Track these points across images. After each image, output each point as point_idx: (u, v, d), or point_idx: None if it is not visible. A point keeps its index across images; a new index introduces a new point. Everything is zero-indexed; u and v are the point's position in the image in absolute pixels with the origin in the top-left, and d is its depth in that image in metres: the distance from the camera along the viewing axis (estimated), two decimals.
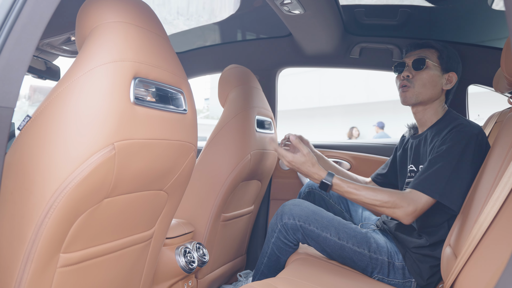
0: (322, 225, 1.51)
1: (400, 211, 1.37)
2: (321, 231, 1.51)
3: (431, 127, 1.57)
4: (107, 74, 0.84)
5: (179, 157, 1.08)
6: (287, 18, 1.76)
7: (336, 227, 1.51)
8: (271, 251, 1.60)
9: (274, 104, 2.37)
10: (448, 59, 1.56)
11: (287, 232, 1.55)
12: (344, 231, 1.51)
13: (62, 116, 0.80)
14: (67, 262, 0.90)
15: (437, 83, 1.55)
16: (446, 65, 1.56)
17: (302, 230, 1.52)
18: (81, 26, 0.91)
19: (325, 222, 1.52)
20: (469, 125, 1.43)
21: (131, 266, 1.14)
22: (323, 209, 1.59)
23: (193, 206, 1.69)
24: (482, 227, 0.97)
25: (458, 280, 1.05)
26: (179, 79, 1.05)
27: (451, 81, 1.56)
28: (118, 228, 1.02)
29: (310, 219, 1.52)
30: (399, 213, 1.37)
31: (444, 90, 1.58)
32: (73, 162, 0.80)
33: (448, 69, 1.56)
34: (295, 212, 1.54)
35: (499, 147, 1.18)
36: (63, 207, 0.81)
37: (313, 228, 1.51)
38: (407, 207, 1.36)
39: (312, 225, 1.51)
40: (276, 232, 1.57)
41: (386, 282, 1.49)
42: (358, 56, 2.20)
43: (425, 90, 1.55)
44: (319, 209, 1.57)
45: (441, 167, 1.37)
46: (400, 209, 1.36)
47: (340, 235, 1.50)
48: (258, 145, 1.80)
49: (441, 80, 1.55)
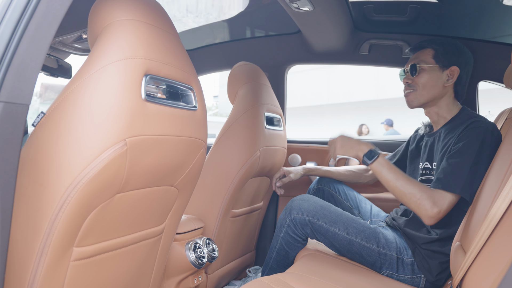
0: (331, 220, 1.52)
1: (423, 211, 1.37)
2: (329, 226, 1.51)
3: (445, 124, 1.57)
4: (119, 72, 0.85)
5: (189, 153, 1.10)
6: (296, 15, 1.76)
7: (345, 222, 1.52)
8: (279, 246, 1.62)
9: (283, 101, 2.38)
10: (445, 55, 1.56)
11: (296, 227, 1.56)
12: (353, 226, 1.51)
13: (75, 113, 0.82)
14: (80, 255, 0.92)
15: (437, 82, 1.56)
16: (443, 61, 1.56)
17: (311, 225, 1.53)
18: (93, 24, 0.93)
19: (334, 217, 1.53)
20: (484, 121, 1.43)
21: (143, 261, 1.16)
22: (332, 204, 1.60)
23: (203, 202, 1.70)
24: (492, 222, 0.96)
25: (467, 276, 1.05)
26: (189, 76, 1.06)
27: (452, 76, 1.55)
28: (130, 222, 1.04)
29: (318, 214, 1.53)
30: (422, 212, 1.38)
31: (449, 86, 1.57)
32: (86, 157, 0.82)
33: (447, 65, 1.56)
34: (303, 207, 1.55)
35: (508, 144, 1.17)
36: (77, 202, 0.83)
37: (322, 223, 1.52)
38: (431, 209, 1.36)
39: (320, 220, 1.52)
40: (285, 227, 1.59)
41: (395, 278, 1.49)
42: (368, 52, 2.19)
43: (426, 91, 1.57)
44: (328, 204, 1.58)
45: (460, 163, 1.37)
46: (423, 209, 1.37)
47: (349, 230, 1.51)
48: (267, 141, 1.81)
49: (441, 77, 1.56)
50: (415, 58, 1.61)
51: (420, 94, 1.58)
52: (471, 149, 1.37)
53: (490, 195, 1.12)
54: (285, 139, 2.08)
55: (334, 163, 2.29)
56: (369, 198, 2.01)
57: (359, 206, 1.87)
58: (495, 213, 0.96)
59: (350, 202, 1.87)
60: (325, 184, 1.89)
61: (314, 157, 2.34)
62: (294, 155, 2.36)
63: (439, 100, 1.58)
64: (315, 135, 2.45)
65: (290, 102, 2.51)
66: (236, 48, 2.46)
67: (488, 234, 0.97)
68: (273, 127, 1.92)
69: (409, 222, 1.55)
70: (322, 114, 13.09)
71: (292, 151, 2.36)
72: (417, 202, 1.38)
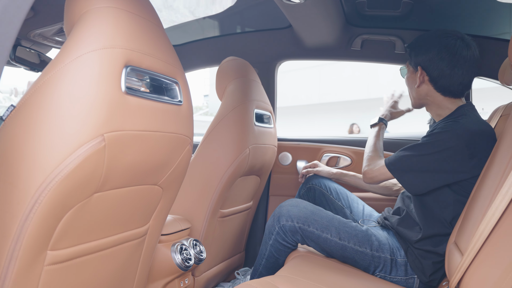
0: (322, 225, 1.47)
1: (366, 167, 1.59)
2: (321, 232, 1.47)
3: (440, 121, 1.52)
4: (96, 62, 0.79)
5: (174, 150, 1.04)
6: (286, 8, 1.71)
7: (337, 227, 1.47)
8: (269, 253, 1.57)
9: (273, 98, 2.33)
10: (414, 55, 1.54)
11: (286, 234, 1.51)
12: (345, 230, 1.47)
13: (48, 106, 0.76)
14: (55, 259, 0.86)
15: (413, 85, 1.57)
16: (413, 63, 1.55)
17: (301, 231, 1.48)
18: (70, 12, 0.87)
19: (325, 222, 1.48)
20: (462, 123, 1.39)
21: (124, 264, 1.10)
22: (322, 208, 1.55)
23: (189, 202, 1.65)
24: (490, 223, 0.93)
25: (464, 278, 1.01)
26: (174, 69, 1.01)
27: (422, 78, 1.51)
28: (110, 224, 0.98)
29: (309, 220, 1.48)
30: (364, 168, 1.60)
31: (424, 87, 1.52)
32: (60, 154, 0.76)
33: (415, 66, 1.53)
34: (293, 213, 1.49)
35: (506, 140, 1.14)
36: (50, 202, 0.77)
37: (313, 229, 1.47)
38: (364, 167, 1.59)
39: (311, 226, 1.47)
40: (274, 235, 1.53)
41: (388, 279, 1.46)
42: (360, 48, 2.15)
43: (411, 94, 1.62)
44: (318, 209, 1.53)
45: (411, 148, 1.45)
46: (363, 165, 1.61)
47: (341, 235, 1.46)
48: (257, 139, 1.76)
49: (415, 80, 1.55)
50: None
51: (411, 97, 1.63)
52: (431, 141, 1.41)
53: (488, 193, 1.08)
54: (276, 137, 2.03)
55: (325, 162, 2.25)
56: (361, 197, 1.98)
57: (351, 206, 1.83)
58: (494, 212, 0.92)
59: (342, 201, 1.83)
60: (316, 183, 1.85)
61: (305, 156, 2.30)
62: (285, 153, 2.31)
63: (427, 101, 1.57)
64: (306, 134, 2.41)
65: (281, 101, 2.47)
66: (225, 43, 2.41)
67: (486, 234, 0.94)
68: (263, 124, 1.87)
69: (401, 221, 1.51)
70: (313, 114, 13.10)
71: (282, 149, 2.31)
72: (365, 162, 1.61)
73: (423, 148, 1.41)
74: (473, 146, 1.34)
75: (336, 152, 2.25)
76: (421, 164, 1.40)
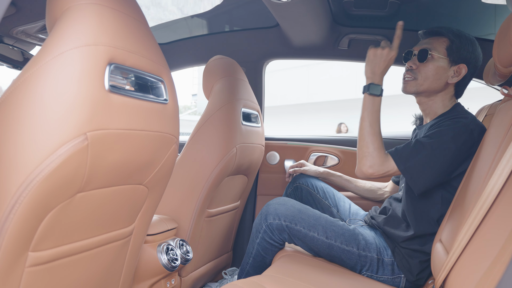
0: (309, 224, 1.47)
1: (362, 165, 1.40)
2: (308, 230, 1.46)
3: (435, 118, 1.51)
4: (79, 59, 0.77)
5: (160, 149, 1.03)
6: (274, 7, 1.71)
7: (324, 225, 1.47)
8: (256, 252, 1.56)
9: (261, 97, 2.32)
10: (458, 50, 1.46)
11: (273, 232, 1.50)
12: (332, 229, 1.47)
13: (28, 103, 0.74)
14: (37, 261, 0.84)
15: (442, 76, 1.47)
16: (454, 56, 1.46)
17: (288, 230, 1.48)
18: (52, 8, 0.85)
19: (312, 221, 1.47)
20: (471, 119, 1.39)
21: (109, 265, 1.08)
22: (309, 207, 1.55)
23: (176, 202, 1.63)
24: (475, 222, 0.93)
25: (449, 277, 1.02)
26: (159, 67, 0.99)
27: (459, 74, 1.47)
28: (94, 224, 0.96)
29: (296, 218, 1.47)
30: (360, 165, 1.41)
31: (451, 84, 1.49)
32: (41, 153, 0.74)
33: (457, 61, 1.46)
34: (280, 211, 1.49)
35: (491, 139, 1.15)
36: (30, 202, 0.75)
37: (300, 228, 1.47)
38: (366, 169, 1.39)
39: (298, 224, 1.47)
40: (261, 233, 1.53)
41: (374, 279, 1.46)
42: (347, 47, 2.15)
43: (427, 82, 1.48)
44: (305, 207, 1.53)
45: (421, 144, 1.36)
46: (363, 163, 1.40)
47: (328, 233, 1.46)
48: (244, 138, 1.75)
49: (447, 72, 1.47)
50: (428, 43, 1.50)
51: (420, 84, 1.49)
52: (438, 137, 1.35)
53: (473, 192, 1.09)
54: (263, 136, 2.02)
55: (313, 161, 2.25)
56: (348, 196, 1.98)
57: (338, 205, 1.83)
58: (478, 211, 0.93)
59: (328, 200, 1.83)
60: (303, 182, 1.85)
61: (292, 155, 2.30)
62: (272, 152, 2.31)
63: (436, 94, 1.51)
64: (295, 133, 2.41)
65: (269, 101, 2.46)
66: (212, 42, 2.39)
67: (471, 233, 0.94)
68: (250, 123, 1.86)
69: (388, 220, 1.52)
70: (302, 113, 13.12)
71: (270, 149, 2.31)
72: (364, 154, 1.40)
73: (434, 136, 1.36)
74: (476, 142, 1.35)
75: (323, 152, 2.25)
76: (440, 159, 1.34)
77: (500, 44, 1.10)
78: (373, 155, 1.38)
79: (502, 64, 1.13)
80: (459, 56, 1.46)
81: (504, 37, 1.06)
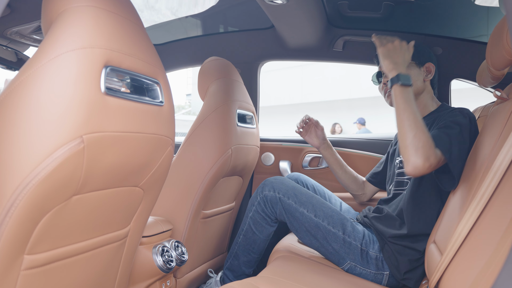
0: (301, 200, 1.52)
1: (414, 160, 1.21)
2: (298, 206, 1.52)
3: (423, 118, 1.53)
4: (75, 62, 0.77)
5: (155, 151, 1.03)
6: (269, 8, 1.71)
7: (314, 204, 1.53)
8: (247, 227, 1.62)
9: (256, 98, 2.33)
10: (419, 52, 1.57)
11: (266, 204, 1.56)
12: (321, 209, 1.52)
13: (24, 106, 0.74)
14: (32, 264, 0.83)
15: (417, 78, 1.55)
16: (419, 59, 1.57)
17: (281, 203, 1.53)
18: (47, 10, 0.85)
19: (304, 198, 1.54)
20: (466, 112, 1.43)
21: (105, 267, 1.08)
22: (304, 188, 1.60)
23: (171, 203, 1.63)
24: (469, 222, 0.94)
25: (443, 278, 1.03)
26: (155, 69, 0.99)
27: (430, 71, 1.58)
28: (90, 226, 0.96)
29: (289, 193, 1.54)
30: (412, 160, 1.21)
31: (427, 82, 1.59)
32: (37, 156, 0.74)
33: (423, 62, 1.58)
34: (276, 185, 1.57)
35: (484, 141, 1.16)
36: (26, 205, 0.75)
37: (292, 202, 1.52)
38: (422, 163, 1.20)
39: (291, 199, 1.53)
40: (255, 205, 1.59)
41: (358, 270, 1.47)
42: (342, 49, 2.17)
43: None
44: (300, 187, 1.59)
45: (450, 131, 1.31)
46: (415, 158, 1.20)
47: (317, 212, 1.51)
48: (239, 139, 1.76)
49: (420, 74, 1.57)
50: None
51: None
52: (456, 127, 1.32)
53: (467, 193, 1.10)
54: (258, 137, 2.03)
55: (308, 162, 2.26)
56: (340, 197, 1.99)
57: (331, 202, 1.85)
58: (472, 212, 0.94)
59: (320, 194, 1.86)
60: (297, 179, 1.87)
61: (287, 156, 2.31)
62: (267, 153, 2.32)
63: (419, 96, 1.58)
64: (289, 134, 2.41)
65: (264, 101, 2.47)
66: (207, 43, 2.39)
67: (465, 234, 0.95)
68: (246, 124, 1.86)
69: (381, 218, 1.53)
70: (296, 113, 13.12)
71: (265, 150, 2.32)
72: (418, 146, 1.21)
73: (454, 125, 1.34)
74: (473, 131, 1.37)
75: (318, 153, 2.26)
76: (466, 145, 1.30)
77: (493, 47, 1.11)
78: (429, 144, 1.22)
79: (495, 67, 1.14)
80: (422, 58, 1.58)
81: (497, 40, 1.07)
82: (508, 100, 1.12)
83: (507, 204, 0.81)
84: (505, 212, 0.80)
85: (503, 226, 0.76)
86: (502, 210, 0.83)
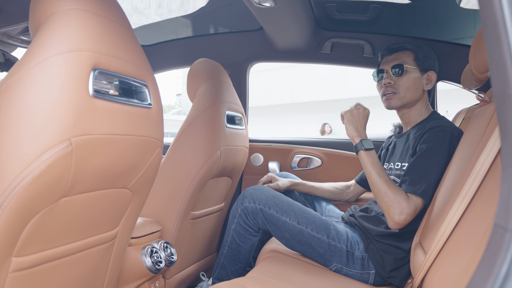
0: (282, 209, 1.52)
1: (392, 215, 1.34)
2: (280, 215, 1.51)
3: (414, 126, 1.59)
4: (63, 65, 0.78)
5: (144, 153, 1.03)
6: (257, 11, 1.72)
7: (296, 211, 1.53)
8: (231, 239, 1.61)
9: (245, 100, 2.34)
10: (425, 59, 1.58)
11: (247, 216, 1.55)
12: (304, 216, 1.52)
13: (12, 109, 0.74)
14: (20, 266, 0.84)
15: (419, 85, 1.57)
16: (423, 65, 1.57)
17: (262, 213, 1.53)
18: (35, 13, 0.85)
19: (285, 206, 1.53)
20: (450, 126, 1.44)
21: (93, 268, 1.08)
22: (284, 195, 1.60)
23: (160, 204, 1.64)
24: (451, 223, 0.96)
25: (427, 277, 1.05)
26: (143, 72, 1.00)
27: (431, 80, 1.59)
28: (78, 228, 0.96)
29: (270, 202, 1.53)
30: (390, 216, 1.35)
31: (425, 91, 1.60)
32: (25, 159, 0.74)
33: (426, 69, 1.58)
34: (255, 195, 1.55)
35: (467, 143, 1.18)
36: (14, 208, 0.75)
37: (273, 211, 1.52)
38: (398, 216, 1.33)
39: (272, 208, 1.52)
40: (236, 218, 1.58)
41: (344, 271, 1.49)
42: (330, 51, 2.19)
43: (409, 93, 1.57)
44: (280, 195, 1.58)
45: (425, 167, 1.38)
46: (392, 213, 1.34)
47: (300, 219, 1.51)
48: (228, 141, 1.76)
49: (421, 81, 1.57)
50: (396, 58, 1.59)
51: (403, 96, 1.57)
52: (436, 153, 1.38)
53: (449, 194, 1.12)
54: (247, 139, 2.04)
55: (297, 163, 2.28)
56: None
57: (314, 203, 1.89)
58: (454, 213, 0.95)
59: (306, 196, 1.88)
60: None
61: (276, 157, 2.32)
62: (256, 154, 2.33)
63: (416, 103, 1.60)
64: (279, 134, 2.43)
65: (254, 101, 2.48)
66: (196, 45, 2.40)
67: (448, 234, 0.97)
68: (234, 126, 1.87)
69: (368, 218, 1.55)
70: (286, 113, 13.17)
71: (254, 151, 2.33)
72: (388, 204, 1.35)
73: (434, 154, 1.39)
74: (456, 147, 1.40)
75: (307, 154, 2.27)
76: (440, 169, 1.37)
77: (476, 50, 1.14)
78: (397, 200, 1.34)
79: (478, 70, 1.16)
80: (426, 65, 1.58)
81: (480, 44, 1.10)
82: (490, 103, 1.15)
83: (488, 204, 0.83)
84: (486, 212, 0.82)
85: (485, 226, 0.78)
86: (483, 210, 0.85)
